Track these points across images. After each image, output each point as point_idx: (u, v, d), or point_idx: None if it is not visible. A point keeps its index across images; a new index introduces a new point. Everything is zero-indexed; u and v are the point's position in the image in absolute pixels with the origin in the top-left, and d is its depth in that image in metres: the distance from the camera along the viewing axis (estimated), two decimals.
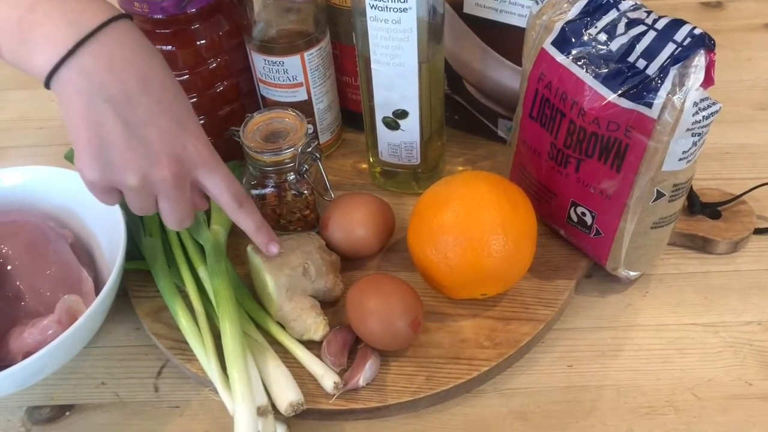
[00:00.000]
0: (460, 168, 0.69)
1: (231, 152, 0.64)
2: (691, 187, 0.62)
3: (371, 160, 0.66)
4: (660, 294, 0.59)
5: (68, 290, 0.55)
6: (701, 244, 0.61)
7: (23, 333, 0.50)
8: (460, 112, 0.70)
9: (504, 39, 0.61)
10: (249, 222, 0.50)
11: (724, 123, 0.71)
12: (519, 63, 0.57)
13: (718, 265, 0.61)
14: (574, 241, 0.59)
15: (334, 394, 0.51)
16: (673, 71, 0.45)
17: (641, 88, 0.46)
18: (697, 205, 0.62)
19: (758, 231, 0.62)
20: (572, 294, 0.58)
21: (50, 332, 0.49)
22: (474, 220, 0.51)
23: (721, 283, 0.59)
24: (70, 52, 0.41)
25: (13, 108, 0.83)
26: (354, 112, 0.70)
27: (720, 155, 0.70)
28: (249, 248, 0.57)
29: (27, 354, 0.49)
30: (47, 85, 0.42)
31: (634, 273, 0.57)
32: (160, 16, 0.58)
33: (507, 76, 0.64)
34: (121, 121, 0.42)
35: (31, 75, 0.43)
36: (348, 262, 0.60)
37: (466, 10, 0.61)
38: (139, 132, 0.43)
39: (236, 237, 0.63)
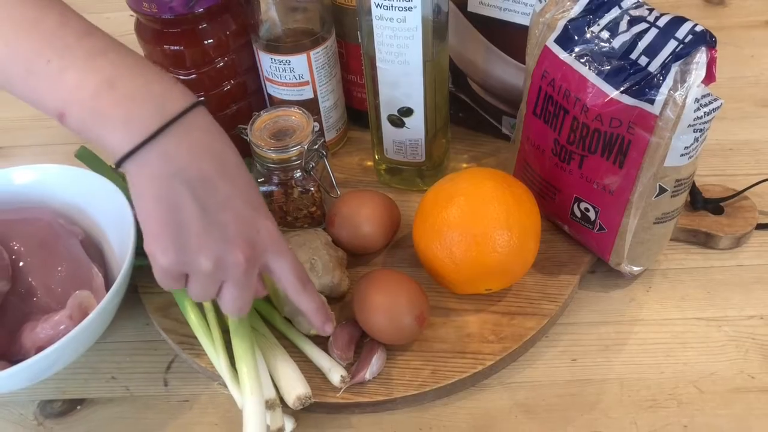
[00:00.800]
0: (465, 165, 0.70)
1: (241, 148, 0.65)
2: (694, 183, 0.62)
3: (376, 157, 0.67)
4: (663, 289, 0.59)
5: (79, 286, 0.55)
6: (704, 240, 0.62)
7: (36, 328, 0.51)
8: (464, 109, 0.71)
9: (508, 37, 0.62)
10: (310, 304, 0.49)
11: (727, 119, 0.72)
12: (522, 61, 0.58)
13: (720, 261, 0.61)
14: (578, 236, 0.59)
15: (341, 388, 0.52)
16: (675, 68, 0.46)
17: (643, 85, 0.47)
18: (699, 201, 0.62)
19: (760, 226, 0.62)
20: (576, 289, 0.59)
21: (62, 327, 0.50)
22: (478, 216, 0.52)
23: (724, 278, 0.60)
24: (153, 135, 0.40)
25: (24, 106, 0.82)
26: (359, 110, 0.71)
27: (723, 151, 0.70)
28: None
29: (39, 349, 0.50)
30: (119, 164, 0.41)
31: (638, 268, 0.58)
32: (169, 16, 0.59)
33: (511, 74, 0.64)
34: (198, 205, 0.42)
35: (101, 148, 0.42)
36: (354, 257, 0.61)
37: (470, 8, 0.62)
38: (217, 216, 0.42)
39: None
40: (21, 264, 0.56)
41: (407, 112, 0.60)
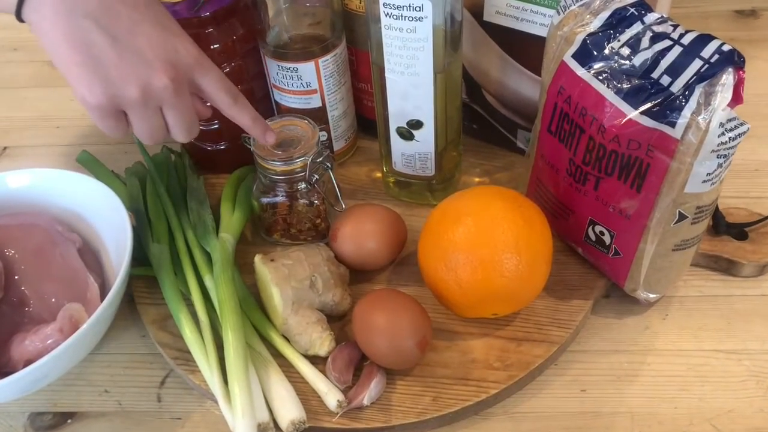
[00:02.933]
0: (477, 179, 0.67)
1: (244, 158, 0.63)
2: (717, 207, 0.59)
3: (385, 169, 0.65)
4: (680, 317, 0.57)
5: (74, 296, 0.54)
6: (726, 266, 0.59)
7: (25, 340, 0.50)
8: (478, 121, 0.68)
9: (524, 48, 0.59)
10: (245, 116, 0.50)
11: (754, 138, 0.68)
12: (539, 73, 0.55)
13: (742, 289, 0.58)
14: (592, 259, 0.57)
15: (337, 413, 0.50)
16: (699, 89, 0.43)
17: (664, 107, 0.44)
18: (722, 225, 0.59)
19: None
20: (588, 315, 0.56)
21: (50, 341, 0.49)
22: (486, 238, 0.49)
23: (746, 307, 0.57)
24: None
25: (31, 106, 0.83)
26: (370, 119, 0.68)
27: (748, 172, 0.67)
28: (256, 258, 0.56)
29: (28, 362, 0.48)
30: (19, 14, 0.40)
31: (654, 295, 0.55)
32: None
33: (527, 86, 0.62)
34: (108, 35, 0.41)
35: (5, 11, 0.41)
36: (357, 274, 0.58)
37: (486, 18, 0.59)
38: (129, 43, 0.42)
39: (246, 244, 0.62)
40: (15, 272, 0.54)
41: (417, 124, 0.58)
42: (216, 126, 0.65)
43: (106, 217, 0.59)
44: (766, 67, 0.79)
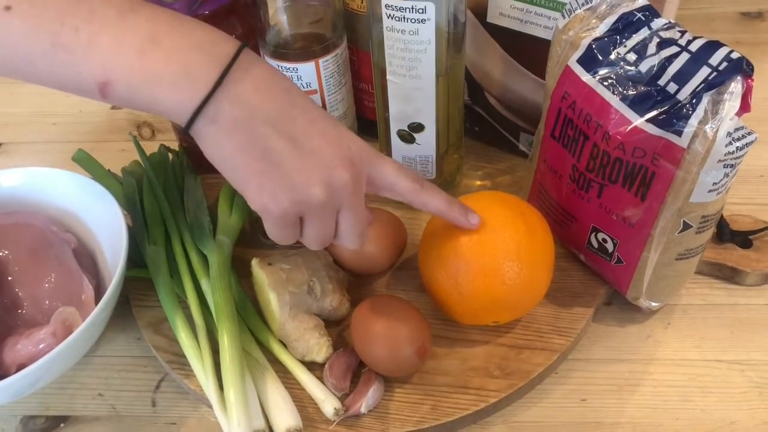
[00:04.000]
0: (478, 182, 0.66)
1: None
2: (721, 214, 0.58)
3: None
4: (683, 326, 0.56)
5: (68, 298, 0.53)
6: (729, 275, 0.58)
7: (17, 344, 0.49)
8: (480, 123, 0.68)
9: (528, 51, 0.58)
10: (438, 200, 0.46)
11: (760, 143, 0.66)
12: (543, 76, 0.54)
13: (746, 298, 0.57)
14: (594, 267, 0.56)
15: (334, 421, 0.49)
16: (707, 98, 0.42)
17: (671, 115, 0.43)
18: (726, 233, 0.58)
19: None
20: (589, 323, 0.55)
21: (43, 345, 0.48)
22: (487, 245, 0.49)
23: (750, 317, 0.56)
24: (218, 83, 0.37)
25: (27, 102, 0.82)
26: (370, 119, 0.67)
27: (754, 178, 0.66)
28: (253, 262, 0.55)
29: (21, 366, 0.48)
30: (189, 126, 0.38)
31: (656, 303, 0.54)
32: None
33: (530, 89, 0.61)
34: (287, 140, 0.40)
35: (156, 113, 0.39)
36: (356, 279, 0.58)
37: (490, 19, 0.58)
38: (307, 144, 0.40)
39: (243, 247, 0.61)
40: (8, 273, 0.54)
41: (418, 127, 0.57)
42: None
43: (101, 217, 0.58)
44: None
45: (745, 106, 0.43)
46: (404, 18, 0.49)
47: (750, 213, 0.61)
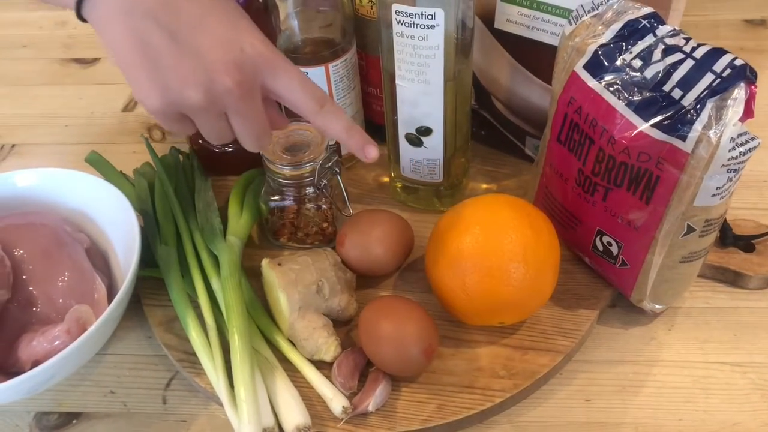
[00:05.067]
0: (485, 186, 0.67)
1: (252, 160, 0.63)
2: (725, 218, 0.59)
3: (393, 174, 0.65)
4: (686, 328, 0.56)
5: (81, 297, 0.54)
6: (732, 278, 0.59)
7: (33, 341, 0.50)
8: (486, 127, 0.68)
9: (535, 56, 0.59)
10: (336, 124, 0.43)
11: (764, 149, 0.67)
12: (549, 81, 0.55)
13: (749, 301, 0.58)
14: (599, 269, 0.57)
15: (342, 419, 0.50)
16: (710, 104, 0.43)
17: (675, 120, 0.44)
18: (729, 237, 0.59)
19: None
20: (594, 324, 0.56)
21: (58, 342, 0.49)
22: (494, 247, 0.50)
23: (752, 320, 0.57)
24: None
25: (41, 104, 0.83)
26: (378, 123, 0.68)
27: (757, 183, 0.67)
28: (263, 262, 0.56)
29: (36, 363, 0.49)
30: (79, 12, 0.37)
31: (660, 306, 0.55)
32: None
33: (536, 95, 0.62)
34: (167, 35, 0.37)
35: (58, 4, 0.38)
36: (363, 280, 0.58)
37: (497, 25, 0.59)
38: (189, 42, 0.38)
39: (253, 247, 0.62)
40: (23, 272, 0.54)
41: (426, 131, 0.58)
42: None
43: (114, 217, 0.59)
44: None
45: (748, 112, 0.44)
46: (414, 24, 0.50)
47: (753, 217, 0.62)
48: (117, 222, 0.58)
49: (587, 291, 0.57)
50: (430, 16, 0.50)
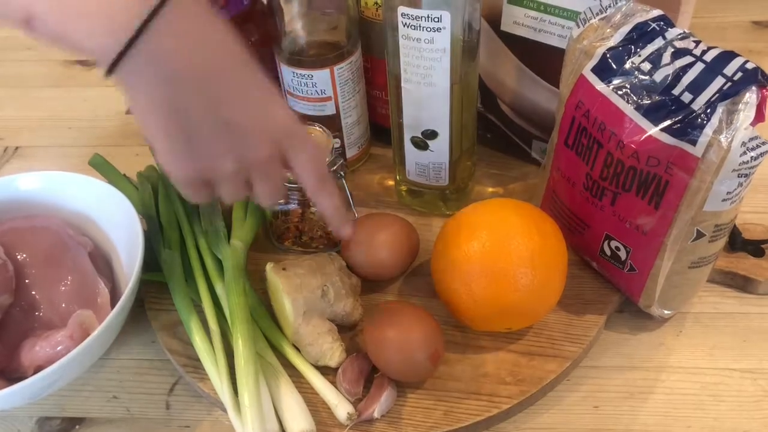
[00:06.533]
0: (490, 189, 0.67)
1: None
2: (734, 223, 0.58)
3: (398, 177, 0.64)
4: (695, 334, 0.56)
5: (84, 301, 0.54)
6: (741, 283, 0.58)
7: (35, 346, 0.49)
8: (492, 130, 0.68)
9: (542, 59, 0.59)
10: (326, 204, 0.46)
11: None
12: (556, 84, 0.54)
13: (759, 306, 0.57)
14: (607, 274, 0.56)
15: (347, 425, 0.49)
16: (721, 107, 0.42)
17: (685, 124, 0.43)
18: (738, 242, 0.59)
19: None
20: (602, 330, 0.56)
21: (61, 348, 0.48)
22: (501, 252, 0.49)
23: (762, 326, 0.56)
24: (136, 35, 0.34)
25: (44, 106, 0.83)
26: (383, 126, 0.68)
27: (766, 187, 0.66)
28: (268, 267, 0.55)
29: (38, 368, 0.48)
30: (109, 74, 0.36)
31: (668, 311, 0.55)
32: None
33: (543, 98, 0.61)
34: (206, 105, 0.38)
35: (83, 53, 0.37)
36: (368, 284, 0.58)
37: (504, 27, 0.59)
38: (226, 114, 0.38)
39: (257, 251, 0.62)
40: (26, 276, 0.54)
41: (432, 134, 0.57)
42: None
43: (117, 221, 0.58)
44: None
45: (760, 116, 0.43)
46: (420, 27, 0.50)
47: (762, 222, 0.61)
48: (120, 226, 0.58)
49: (595, 296, 0.57)
50: (436, 19, 0.49)
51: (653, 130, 0.45)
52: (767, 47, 0.83)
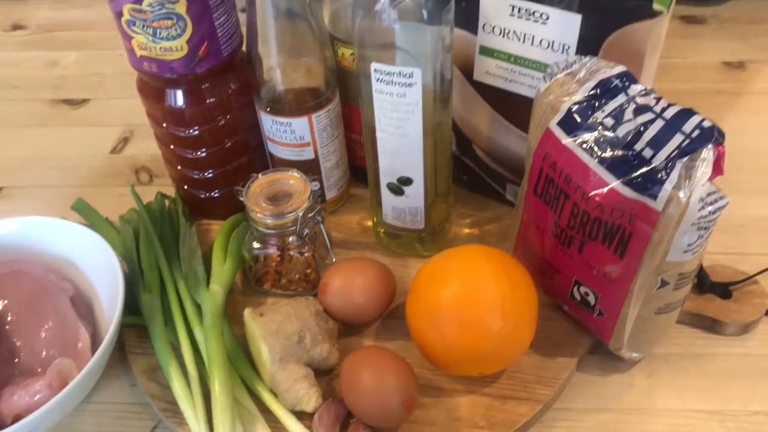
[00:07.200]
0: (467, 230, 0.68)
1: (238, 205, 0.64)
2: (702, 265, 0.60)
3: (375, 220, 0.66)
4: (664, 375, 0.57)
5: (64, 347, 0.55)
6: (710, 325, 0.59)
7: (14, 395, 0.50)
8: (469, 172, 0.69)
9: (513, 107, 0.60)
10: None
11: (741, 193, 0.69)
12: (528, 131, 0.56)
13: (727, 348, 0.59)
14: (577, 317, 0.57)
15: None
16: (680, 164, 0.44)
17: (646, 179, 0.45)
18: (707, 284, 0.60)
19: None
20: (574, 372, 0.57)
21: (39, 396, 0.49)
22: (472, 299, 0.50)
23: (730, 367, 0.57)
24: None
25: (30, 145, 0.84)
26: (363, 168, 0.69)
27: (735, 227, 0.68)
28: (246, 312, 0.56)
29: (17, 417, 0.49)
30: None
31: (638, 354, 0.56)
32: (170, 76, 0.58)
33: (515, 144, 0.63)
34: None
35: None
36: (346, 327, 0.59)
37: (476, 77, 0.61)
38: None
39: (237, 293, 0.63)
40: (6, 323, 0.55)
41: (407, 181, 0.59)
42: (211, 175, 0.66)
43: (98, 266, 0.59)
44: (752, 120, 0.80)
45: (718, 170, 0.45)
46: (392, 82, 0.52)
47: (731, 263, 0.63)
48: (101, 270, 0.59)
49: (566, 338, 0.58)
50: (408, 75, 0.51)
51: (616, 184, 0.46)
52: (738, 87, 0.86)
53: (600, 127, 0.48)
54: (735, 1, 0.95)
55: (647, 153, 0.46)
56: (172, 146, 0.65)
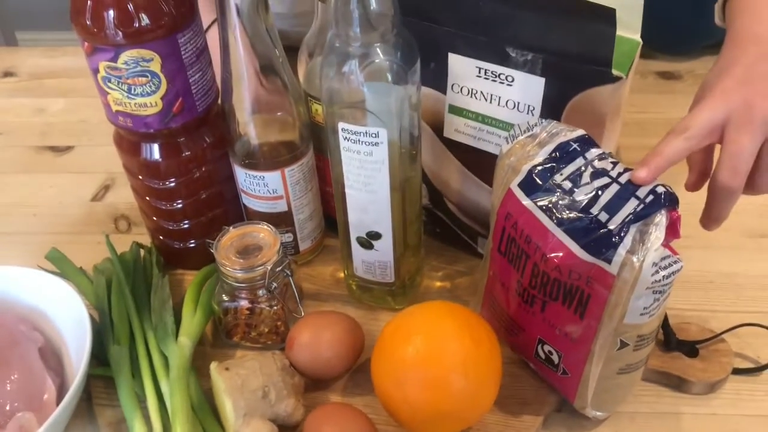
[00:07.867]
0: (438, 284, 0.69)
1: (212, 257, 0.65)
2: (668, 323, 0.60)
3: (347, 272, 0.66)
4: None
5: (29, 399, 0.55)
6: (676, 383, 0.59)
7: None
8: (441, 225, 0.70)
9: (482, 164, 0.61)
10: None
11: (710, 249, 0.70)
12: None
13: (693, 407, 0.59)
14: (543, 375, 0.58)
15: None
16: (634, 228, 0.45)
17: (601, 243, 0.46)
18: (673, 342, 0.60)
19: (737, 371, 0.60)
20: (539, 431, 0.57)
21: None
22: (435, 358, 0.51)
23: (695, 426, 0.57)
24: None
25: (11, 192, 0.84)
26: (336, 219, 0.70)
27: (703, 284, 0.68)
28: (212, 366, 0.56)
29: None
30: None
31: (602, 413, 0.56)
32: (145, 131, 0.59)
33: (485, 199, 0.64)
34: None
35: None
36: (313, 382, 0.59)
37: (446, 134, 0.62)
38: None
39: (206, 346, 0.63)
40: None
41: (376, 235, 0.60)
42: (186, 225, 0.67)
43: (68, 316, 0.60)
44: None
45: (674, 234, 0.46)
46: (359, 141, 0.53)
47: (698, 320, 0.63)
48: (71, 321, 0.59)
49: (533, 396, 0.58)
50: (374, 134, 0.52)
51: (573, 246, 0.47)
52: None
53: (559, 191, 0.49)
54: (709, 57, 0.97)
55: (603, 217, 0.46)
56: (147, 197, 0.66)
